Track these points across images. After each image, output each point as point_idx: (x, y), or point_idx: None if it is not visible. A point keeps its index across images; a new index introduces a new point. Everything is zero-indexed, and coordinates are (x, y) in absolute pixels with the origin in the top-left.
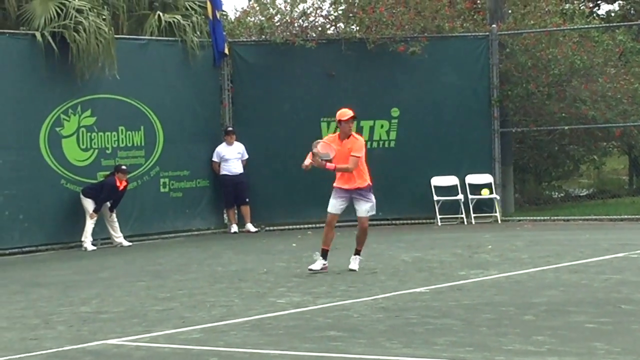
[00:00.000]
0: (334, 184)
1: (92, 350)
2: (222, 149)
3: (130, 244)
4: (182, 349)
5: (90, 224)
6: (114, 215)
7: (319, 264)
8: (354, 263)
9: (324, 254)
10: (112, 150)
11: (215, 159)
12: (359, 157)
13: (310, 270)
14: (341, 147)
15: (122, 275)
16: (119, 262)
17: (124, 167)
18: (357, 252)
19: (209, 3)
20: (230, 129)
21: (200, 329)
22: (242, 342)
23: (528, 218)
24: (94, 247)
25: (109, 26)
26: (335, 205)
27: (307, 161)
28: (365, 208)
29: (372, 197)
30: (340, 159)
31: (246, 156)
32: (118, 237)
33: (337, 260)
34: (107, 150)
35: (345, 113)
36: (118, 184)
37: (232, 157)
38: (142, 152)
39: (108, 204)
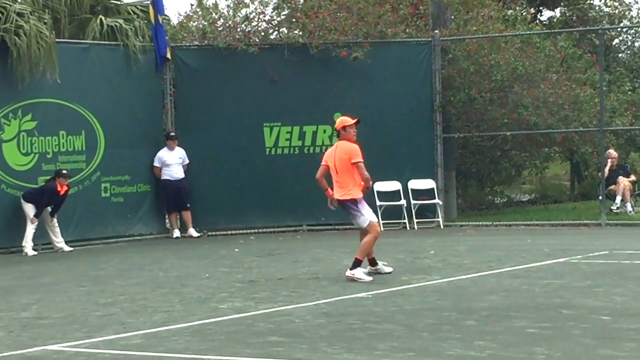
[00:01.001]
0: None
1: (31, 356)
2: (164, 154)
3: (72, 249)
4: (123, 354)
5: (30, 229)
6: (55, 220)
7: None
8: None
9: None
10: (53, 155)
11: (156, 164)
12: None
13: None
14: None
15: (63, 281)
16: (60, 268)
17: (64, 171)
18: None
19: (151, 7)
20: (172, 133)
21: (141, 334)
22: (184, 348)
23: (470, 223)
24: (35, 252)
25: (50, 30)
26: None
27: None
28: (355, 222)
29: (361, 210)
30: (339, 164)
31: (187, 161)
32: (59, 242)
33: (278, 265)
34: (48, 154)
35: (347, 119)
36: (59, 188)
37: (173, 162)
38: (83, 156)
39: (49, 208)
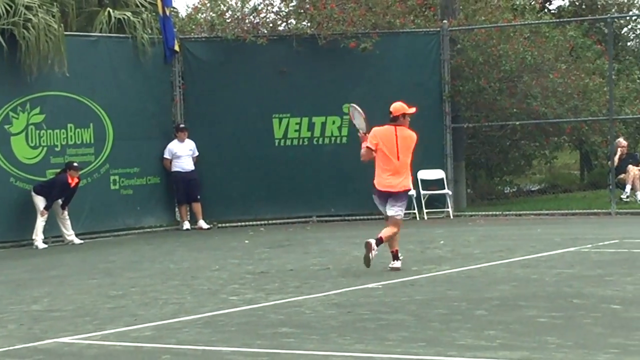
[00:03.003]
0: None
1: (43, 349)
2: (174, 146)
3: (82, 241)
4: (134, 346)
5: (41, 222)
6: (66, 212)
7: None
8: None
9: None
10: (62, 148)
11: (167, 155)
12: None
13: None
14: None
15: (73, 273)
16: (71, 260)
17: (75, 164)
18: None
19: (159, 0)
20: (182, 125)
21: (152, 326)
22: (194, 339)
23: (480, 213)
24: (45, 245)
25: (59, 23)
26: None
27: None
28: (391, 211)
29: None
30: (404, 149)
31: (197, 153)
32: (69, 234)
33: (288, 256)
34: (57, 147)
35: (405, 107)
36: (70, 181)
37: (184, 154)
38: (92, 149)
39: (59, 201)
